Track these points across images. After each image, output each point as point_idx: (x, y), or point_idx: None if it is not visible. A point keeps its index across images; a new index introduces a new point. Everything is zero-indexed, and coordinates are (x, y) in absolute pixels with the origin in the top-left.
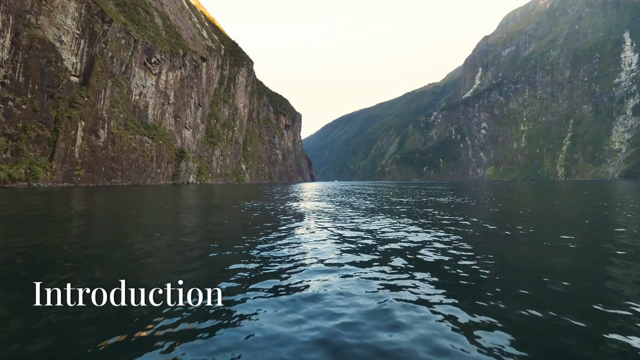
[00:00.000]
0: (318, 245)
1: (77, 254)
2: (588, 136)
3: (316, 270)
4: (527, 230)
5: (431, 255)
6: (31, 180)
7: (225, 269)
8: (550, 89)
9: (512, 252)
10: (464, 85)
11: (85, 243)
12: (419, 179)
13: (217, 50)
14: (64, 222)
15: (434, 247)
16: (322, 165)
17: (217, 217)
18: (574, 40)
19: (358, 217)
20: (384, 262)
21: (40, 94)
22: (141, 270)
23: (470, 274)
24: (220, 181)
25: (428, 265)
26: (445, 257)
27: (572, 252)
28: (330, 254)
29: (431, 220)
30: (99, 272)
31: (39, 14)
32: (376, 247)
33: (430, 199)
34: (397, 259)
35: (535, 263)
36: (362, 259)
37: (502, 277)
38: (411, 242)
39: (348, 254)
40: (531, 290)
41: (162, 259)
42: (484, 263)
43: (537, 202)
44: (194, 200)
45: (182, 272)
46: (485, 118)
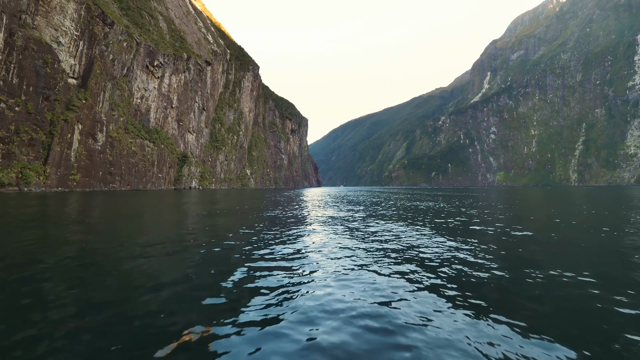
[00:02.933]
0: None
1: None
2: (602, 140)
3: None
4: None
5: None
6: (22, 185)
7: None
8: (561, 92)
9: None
10: (472, 90)
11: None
12: (427, 184)
13: (223, 54)
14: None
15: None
16: (328, 171)
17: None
18: (585, 43)
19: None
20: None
21: (35, 96)
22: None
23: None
24: (224, 186)
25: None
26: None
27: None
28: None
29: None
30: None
31: (36, 15)
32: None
33: (458, 208)
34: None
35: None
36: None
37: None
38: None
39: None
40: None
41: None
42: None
43: (584, 210)
44: (172, 207)
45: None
46: (495, 122)
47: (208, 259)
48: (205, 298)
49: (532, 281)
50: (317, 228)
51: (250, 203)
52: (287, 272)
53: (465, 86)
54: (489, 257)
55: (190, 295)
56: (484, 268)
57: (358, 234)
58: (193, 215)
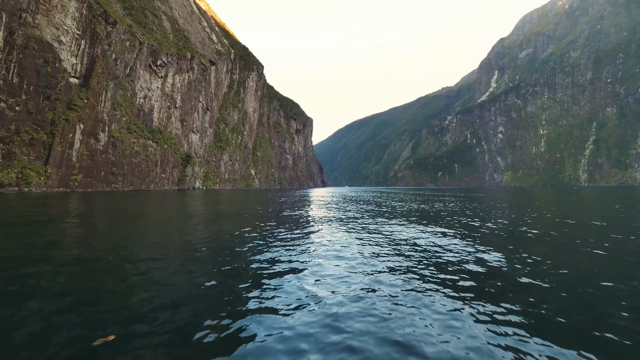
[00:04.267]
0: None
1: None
2: (613, 140)
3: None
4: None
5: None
6: (22, 185)
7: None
8: (571, 91)
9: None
10: (479, 89)
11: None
12: (433, 184)
13: (227, 54)
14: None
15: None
16: (334, 171)
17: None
18: (596, 41)
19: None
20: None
21: (35, 95)
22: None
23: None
24: (229, 186)
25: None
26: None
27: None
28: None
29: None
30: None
31: (36, 13)
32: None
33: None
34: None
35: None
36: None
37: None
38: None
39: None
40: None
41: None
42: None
43: (619, 212)
44: (171, 209)
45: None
46: (502, 122)
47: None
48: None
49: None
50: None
51: (240, 206)
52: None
53: (472, 85)
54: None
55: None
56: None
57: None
58: (192, 217)
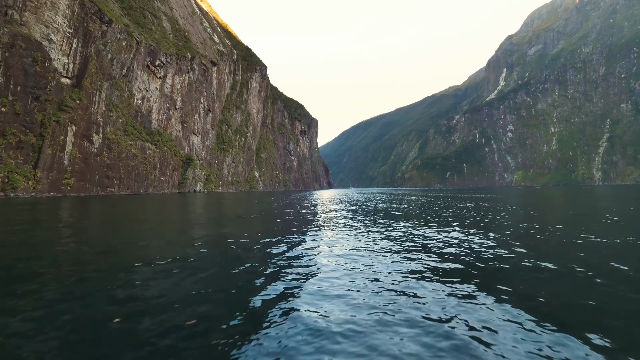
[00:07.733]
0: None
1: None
2: (628, 137)
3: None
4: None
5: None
6: (8, 190)
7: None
8: (583, 87)
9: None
10: (487, 87)
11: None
12: (441, 185)
13: (229, 54)
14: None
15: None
16: (340, 172)
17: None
18: (609, 35)
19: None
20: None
21: (23, 96)
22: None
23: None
24: (232, 189)
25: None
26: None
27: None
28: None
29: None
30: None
31: (24, 10)
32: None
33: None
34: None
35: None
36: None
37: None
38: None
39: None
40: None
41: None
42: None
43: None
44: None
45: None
46: (512, 120)
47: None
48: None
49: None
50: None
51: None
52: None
53: (480, 84)
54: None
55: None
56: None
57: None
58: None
